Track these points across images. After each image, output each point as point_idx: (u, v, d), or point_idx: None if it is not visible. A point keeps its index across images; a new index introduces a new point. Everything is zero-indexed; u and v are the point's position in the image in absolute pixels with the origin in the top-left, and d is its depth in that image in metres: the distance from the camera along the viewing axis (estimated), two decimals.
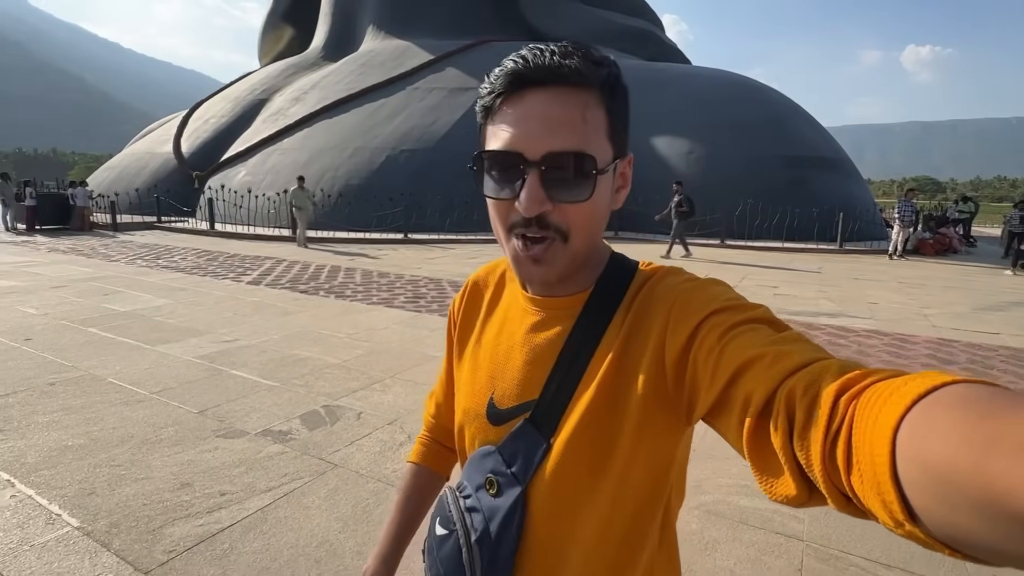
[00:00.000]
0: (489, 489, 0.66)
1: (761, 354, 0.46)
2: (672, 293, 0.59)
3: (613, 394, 0.60)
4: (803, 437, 0.39)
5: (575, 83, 0.56)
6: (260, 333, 5.43)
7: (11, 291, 7.20)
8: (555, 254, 0.60)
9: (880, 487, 0.32)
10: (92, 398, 3.75)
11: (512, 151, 0.57)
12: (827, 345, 5.30)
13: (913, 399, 0.32)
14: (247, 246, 12.88)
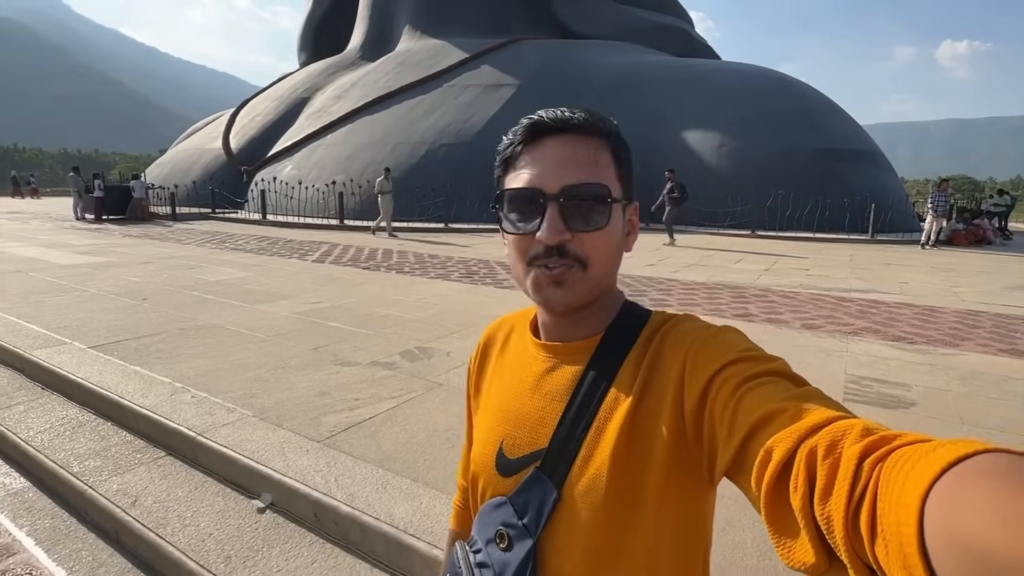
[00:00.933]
0: (499, 543, 0.64)
1: (780, 409, 0.45)
2: (686, 341, 0.59)
3: (630, 442, 0.59)
4: (824, 500, 0.37)
5: (585, 132, 0.63)
6: (340, 298, 6.10)
7: (110, 265, 8.05)
8: (575, 278, 0.62)
9: (907, 560, 0.30)
10: (220, 339, 4.44)
11: (532, 187, 0.61)
12: (858, 314, 5.73)
13: (943, 467, 0.30)
14: (300, 233, 13.71)
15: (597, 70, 19.95)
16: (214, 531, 2.28)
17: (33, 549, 2.34)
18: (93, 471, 2.72)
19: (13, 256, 8.75)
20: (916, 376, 3.86)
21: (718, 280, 7.65)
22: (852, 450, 0.37)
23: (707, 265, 9.20)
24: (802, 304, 6.17)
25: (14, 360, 4.04)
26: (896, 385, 3.67)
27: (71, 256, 8.92)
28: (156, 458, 2.83)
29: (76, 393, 3.49)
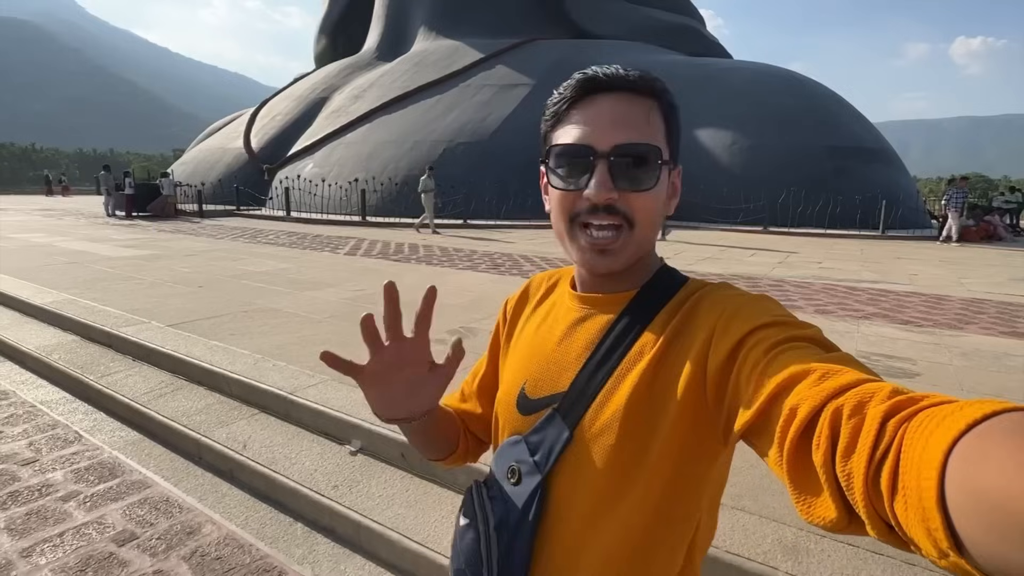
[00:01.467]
0: (511, 478, 0.67)
1: (808, 370, 0.45)
2: (721, 305, 0.59)
3: (647, 394, 0.60)
4: (846, 457, 0.37)
5: (638, 91, 0.62)
6: (379, 286, 6.41)
7: (157, 257, 8.54)
8: (623, 243, 0.62)
9: (926, 514, 0.30)
10: (281, 320, 4.87)
11: (583, 144, 0.60)
12: (868, 302, 6.07)
13: (967, 425, 0.30)
14: (324, 229, 14.19)
15: None
16: (317, 467, 2.70)
17: (163, 484, 2.77)
18: (200, 424, 3.15)
19: (64, 249, 9.28)
20: (921, 352, 4.21)
21: (734, 272, 8.00)
22: (877, 409, 0.37)
23: (721, 258, 9.55)
24: (815, 293, 6.51)
25: (101, 336, 4.50)
26: (902, 359, 4.03)
27: (117, 249, 9.43)
28: (252, 414, 3.26)
29: (166, 362, 3.93)
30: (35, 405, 3.66)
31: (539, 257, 9.35)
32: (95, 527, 2.40)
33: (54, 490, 2.68)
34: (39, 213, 17.73)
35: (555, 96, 0.65)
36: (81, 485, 2.72)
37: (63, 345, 4.47)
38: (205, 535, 2.37)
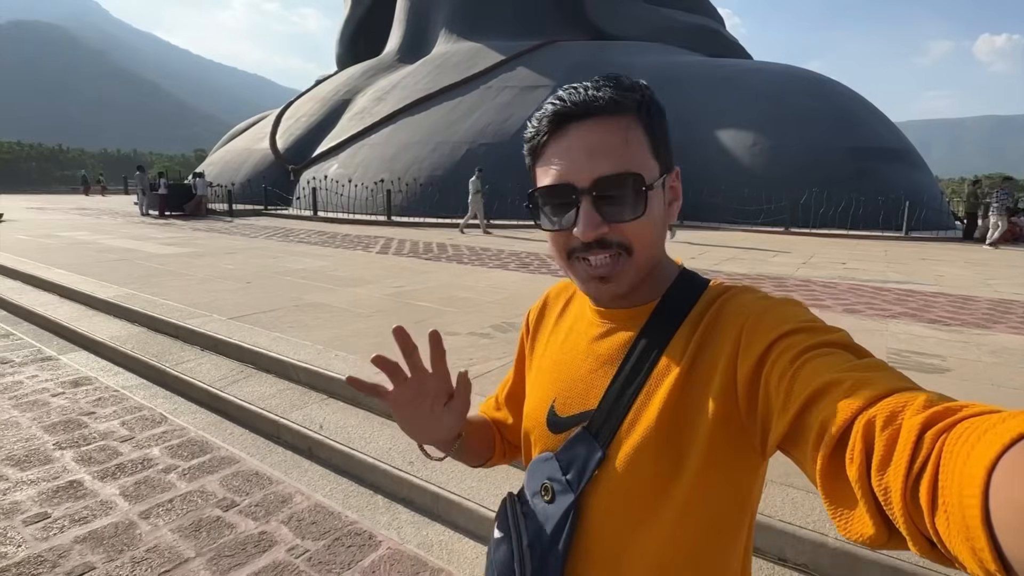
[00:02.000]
0: (544, 495, 0.67)
1: (839, 380, 0.44)
2: (744, 311, 0.58)
3: (679, 409, 0.59)
4: (882, 471, 0.36)
5: (611, 112, 0.60)
6: (416, 283, 6.79)
7: (200, 255, 8.92)
8: (622, 269, 0.62)
9: (970, 532, 0.29)
10: (331, 314, 5.15)
11: (563, 183, 0.60)
12: (895, 301, 6.19)
13: (1012, 438, 0.29)
14: (351, 228, 14.55)
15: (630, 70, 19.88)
16: (391, 446, 2.96)
17: (250, 460, 3.05)
18: (276, 407, 3.43)
19: (111, 247, 9.70)
20: (950, 350, 4.36)
21: (759, 272, 8.15)
22: (913, 421, 0.36)
23: (745, 259, 9.68)
24: (842, 293, 6.65)
25: (169, 328, 4.82)
26: (932, 356, 4.19)
27: (161, 247, 9.83)
28: (322, 399, 3.53)
29: (234, 352, 4.23)
30: (117, 390, 3.97)
31: None
32: (199, 495, 2.68)
33: (155, 463, 2.97)
34: (76, 212, 18.36)
35: (531, 128, 0.64)
36: (177, 460, 3.01)
37: (133, 336, 4.80)
38: (297, 503, 2.64)
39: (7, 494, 2.64)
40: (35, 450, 3.07)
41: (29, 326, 5.51)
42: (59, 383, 4.06)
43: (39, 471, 2.85)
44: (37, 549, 2.25)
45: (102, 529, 2.39)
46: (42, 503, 2.57)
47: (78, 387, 4.00)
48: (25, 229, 12.52)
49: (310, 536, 2.39)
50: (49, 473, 2.84)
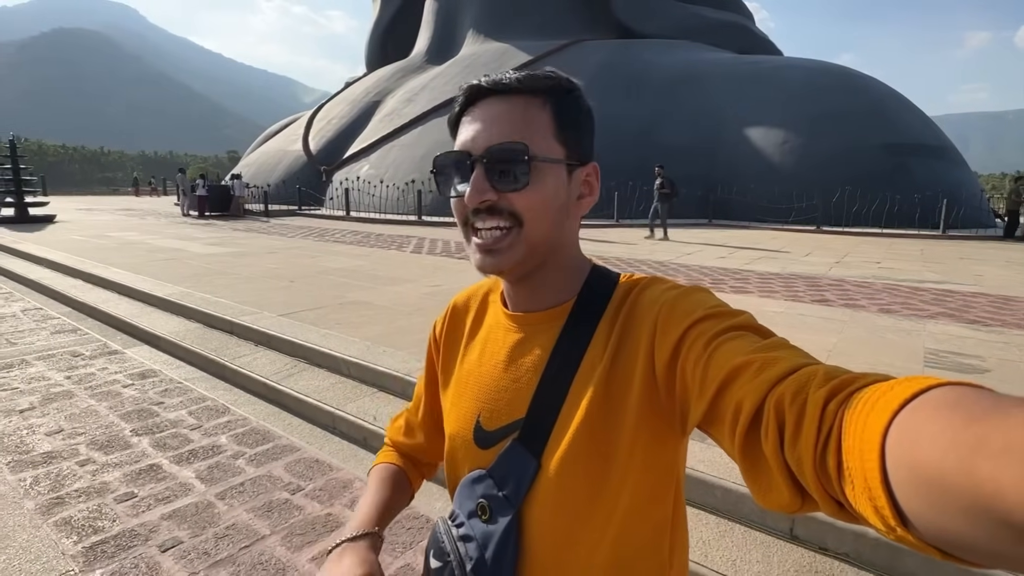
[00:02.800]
0: (481, 515, 0.65)
1: (748, 362, 0.47)
2: (656, 303, 0.60)
3: (604, 407, 0.60)
4: (793, 444, 0.39)
5: (519, 91, 0.62)
6: (453, 281, 6.99)
7: (243, 255, 9.30)
8: (511, 242, 0.62)
9: (871, 492, 0.32)
10: (375, 311, 5.38)
11: (462, 150, 0.62)
12: (933, 301, 6.14)
13: (901, 403, 0.32)
14: (384, 228, 14.89)
15: (658, 69, 20.33)
16: None
17: (310, 448, 3.27)
18: (331, 399, 3.65)
19: (159, 247, 10.18)
20: (990, 351, 4.35)
21: (792, 271, 8.12)
22: (817, 394, 0.39)
23: (777, 258, 9.63)
24: (877, 292, 6.61)
25: (223, 324, 5.10)
26: (971, 357, 4.18)
27: (205, 247, 10.27)
28: (373, 392, 3.74)
29: (286, 347, 4.48)
30: (181, 382, 4.25)
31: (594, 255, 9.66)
32: (267, 479, 2.90)
33: (223, 450, 3.21)
34: (122, 213, 19.17)
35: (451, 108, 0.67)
36: (243, 447, 3.25)
37: (191, 331, 5.10)
38: (357, 489, 2.84)
39: (96, 475, 2.90)
40: (115, 436, 3.34)
41: (93, 322, 5.89)
42: (128, 375, 4.36)
43: (121, 455, 3.12)
44: (130, 524, 2.49)
45: (184, 508, 2.62)
46: (128, 484, 2.83)
47: (145, 379, 4.29)
48: (78, 230, 13.17)
49: None
50: (130, 457, 3.10)
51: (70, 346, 5.06)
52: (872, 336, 4.68)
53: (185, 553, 2.29)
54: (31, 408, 3.69)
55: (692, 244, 11.67)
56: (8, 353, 4.81)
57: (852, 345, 4.38)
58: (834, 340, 4.52)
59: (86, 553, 2.26)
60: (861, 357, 4.06)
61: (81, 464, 2.99)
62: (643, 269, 8.05)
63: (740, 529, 2.37)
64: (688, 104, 18.88)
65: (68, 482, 2.81)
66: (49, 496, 2.67)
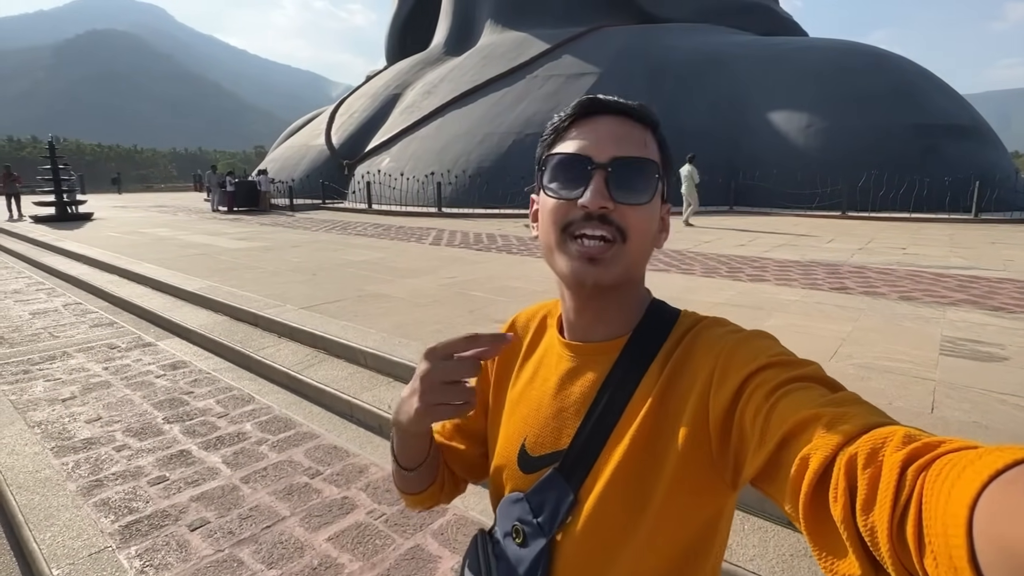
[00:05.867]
0: (516, 538, 0.66)
1: (816, 416, 0.44)
2: (717, 345, 0.58)
3: (649, 448, 0.59)
4: (867, 511, 0.36)
5: (638, 118, 0.64)
6: (469, 273, 7.11)
7: (268, 249, 9.58)
8: (614, 254, 0.61)
9: (958, 572, 0.29)
10: (392, 303, 5.53)
11: (582, 154, 0.61)
12: (957, 288, 6.01)
13: (991, 474, 0.30)
14: (404, 220, 15.10)
15: (678, 53, 19.98)
16: None
17: (328, 435, 3.43)
18: (348, 388, 3.80)
19: (190, 242, 10.55)
20: (1011, 339, 4.27)
21: (812, 259, 8.01)
22: (894, 458, 0.36)
23: (798, 245, 9.49)
24: (899, 279, 6.49)
25: (248, 317, 5.32)
26: (990, 345, 4.12)
27: (233, 242, 10.60)
28: (389, 382, 3.88)
29: (307, 339, 4.65)
30: (209, 372, 4.47)
31: None
32: (288, 464, 3.07)
33: (248, 437, 3.39)
34: (154, 210, 19.79)
35: (555, 119, 0.67)
36: (267, 434, 3.43)
37: (219, 324, 5.33)
38: (372, 474, 2.98)
39: (132, 460, 3.10)
40: (148, 423, 3.56)
41: (129, 315, 6.18)
42: (160, 366, 4.60)
43: (154, 441, 3.32)
44: (161, 505, 2.68)
45: (212, 491, 2.80)
46: (160, 468, 3.02)
47: (176, 369, 4.52)
48: (114, 227, 13.69)
49: (385, 502, 2.73)
50: (162, 443, 3.30)
51: (107, 339, 5.34)
52: (888, 324, 4.63)
53: (212, 532, 2.46)
54: (72, 397, 3.95)
55: (712, 231, 11.56)
56: (51, 346, 5.11)
57: (867, 334, 4.36)
58: (848, 328, 4.50)
59: (122, 531, 2.45)
60: (876, 346, 4.04)
61: (117, 449, 3.20)
62: (659, 258, 8.04)
63: (738, 515, 2.43)
64: (710, 89, 18.54)
65: (106, 466, 3.02)
66: (89, 479, 2.88)
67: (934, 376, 3.47)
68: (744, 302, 5.39)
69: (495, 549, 0.69)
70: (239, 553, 2.32)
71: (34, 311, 6.40)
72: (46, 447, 3.21)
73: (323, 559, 2.29)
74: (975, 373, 3.50)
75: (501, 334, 0.63)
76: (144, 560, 2.26)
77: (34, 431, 3.41)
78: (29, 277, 8.54)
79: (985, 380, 3.39)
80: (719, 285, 6.25)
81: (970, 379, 3.41)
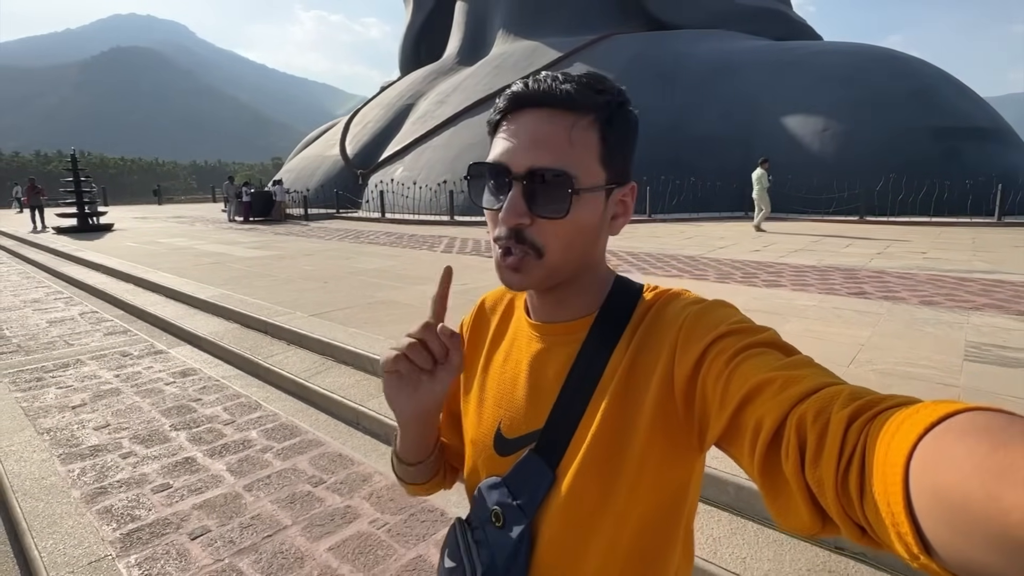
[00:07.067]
0: (496, 522, 0.65)
1: (770, 379, 0.46)
2: (679, 317, 0.59)
3: (621, 420, 0.60)
4: (815, 465, 0.39)
5: (566, 107, 0.58)
6: (480, 280, 7.07)
7: (281, 257, 9.65)
8: (530, 266, 0.61)
9: (894, 518, 0.31)
10: (403, 310, 5.51)
11: (501, 163, 0.60)
12: (980, 292, 5.82)
13: (926, 427, 0.31)
14: (417, 229, 15.15)
15: (690, 60, 19.91)
16: None
17: (334, 443, 3.39)
18: (355, 396, 3.77)
19: (206, 251, 10.67)
20: None
21: (829, 263, 7.84)
22: (840, 415, 0.38)
23: (815, 250, 9.31)
24: (919, 284, 6.32)
25: (258, 324, 5.33)
26: (1017, 350, 3.96)
27: (247, 251, 10.71)
28: None
29: (315, 346, 4.64)
30: (218, 379, 4.47)
31: (624, 251, 9.58)
32: (292, 472, 3.03)
33: (253, 444, 3.36)
34: (173, 220, 20.14)
35: (495, 105, 0.64)
36: (272, 441, 3.40)
37: (229, 332, 5.34)
38: (376, 482, 2.93)
39: (137, 467, 3.09)
40: (155, 431, 3.55)
41: (143, 324, 6.24)
42: (170, 373, 4.62)
43: (160, 448, 3.31)
44: (164, 513, 2.65)
45: (214, 499, 2.78)
46: (164, 475, 3.01)
47: (186, 377, 4.53)
48: (133, 237, 13.94)
49: (388, 511, 2.67)
50: (168, 450, 3.29)
51: (120, 346, 5.39)
52: (909, 329, 4.49)
53: (212, 541, 2.43)
54: (82, 404, 3.96)
55: (725, 237, 11.41)
56: (66, 353, 5.17)
57: (887, 339, 4.22)
58: (867, 333, 4.36)
59: (123, 539, 2.43)
60: (896, 352, 3.91)
61: (123, 457, 3.20)
62: (672, 264, 7.93)
63: (752, 526, 2.34)
64: (722, 94, 18.41)
65: (111, 473, 3.01)
66: (93, 486, 2.87)
67: (959, 383, 3.33)
68: (759, 307, 5.27)
69: (474, 535, 0.69)
70: (239, 563, 2.28)
71: (51, 320, 6.50)
72: (53, 454, 3.22)
73: (323, 570, 2.24)
74: (1002, 379, 3.36)
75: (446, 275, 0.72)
76: (143, 569, 2.23)
77: (43, 438, 3.43)
78: (49, 287, 8.69)
79: (1013, 386, 3.25)
80: (733, 290, 6.13)
81: (997, 385, 3.27)
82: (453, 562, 0.69)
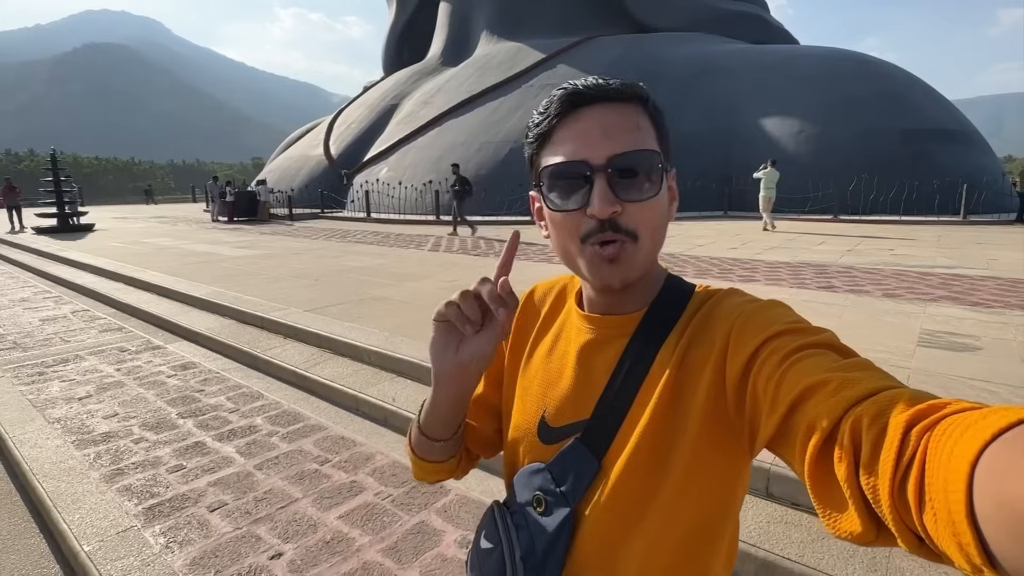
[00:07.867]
0: (537, 507, 0.66)
1: (825, 380, 0.44)
2: (732, 314, 0.59)
3: (670, 416, 0.60)
4: (870, 470, 0.37)
5: (621, 99, 0.61)
6: (468, 276, 7.29)
7: (269, 256, 9.76)
8: (628, 254, 0.60)
9: (956, 527, 0.29)
10: (393, 306, 5.71)
11: (577, 160, 0.59)
12: (939, 285, 6.22)
13: (993, 433, 0.30)
14: (403, 228, 15.31)
15: (671, 62, 20.35)
16: None
17: (335, 427, 3.60)
18: (354, 384, 3.98)
19: (192, 251, 10.72)
20: (986, 330, 4.47)
21: (802, 260, 8.23)
22: (898, 419, 0.36)
23: (789, 247, 9.71)
24: (884, 278, 6.70)
25: (255, 320, 5.49)
26: (966, 336, 4.32)
27: (235, 250, 10.78)
28: (392, 378, 4.06)
29: (312, 339, 4.83)
30: (218, 372, 4.64)
31: None
32: (298, 453, 3.23)
33: (259, 429, 3.56)
34: (154, 220, 19.98)
35: (536, 116, 0.64)
36: (277, 427, 3.59)
37: (225, 327, 5.50)
38: (378, 461, 3.15)
39: (150, 451, 3.27)
40: (163, 418, 3.72)
41: (137, 321, 6.35)
42: (170, 367, 4.77)
43: (169, 434, 3.49)
44: (181, 490, 2.84)
45: (227, 476, 2.97)
46: (177, 457, 3.19)
47: (186, 370, 4.69)
48: (116, 237, 13.87)
49: (392, 484, 2.90)
50: (177, 436, 3.47)
51: (117, 343, 5.51)
52: (871, 319, 4.83)
53: (230, 512, 2.63)
54: (88, 396, 4.11)
55: (704, 235, 11.79)
56: (63, 349, 5.28)
57: (850, 328, 4.55)
58: (832, 324, 4.69)
59: (146, 512, 2.62)
60: (856, 339, 4.23)
61: (135, 442, 3.37)
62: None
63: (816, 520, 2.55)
64: (702, 97, 18.88)
65: (126, 456, 3.18)
66: (111, 468, 3.05)
67: (910, 365, 3.66)
68: None
69: (513, 519, 0.69)
70: (256, 530, 2.49)
71: (43, 318, 6.57)
72: (67, 440, 3.38)
73: (335, 534, 2.46)
74: (949, 361, 3.70)
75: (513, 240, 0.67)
76: (168, 537, 2.43)
77: (54, 427, 3.58)
78: (35, 286, 8.70)
79: (957, 367, 3.59)
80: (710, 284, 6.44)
81: (943, 367, 3.61)
82: (490, 543, 0.69)
